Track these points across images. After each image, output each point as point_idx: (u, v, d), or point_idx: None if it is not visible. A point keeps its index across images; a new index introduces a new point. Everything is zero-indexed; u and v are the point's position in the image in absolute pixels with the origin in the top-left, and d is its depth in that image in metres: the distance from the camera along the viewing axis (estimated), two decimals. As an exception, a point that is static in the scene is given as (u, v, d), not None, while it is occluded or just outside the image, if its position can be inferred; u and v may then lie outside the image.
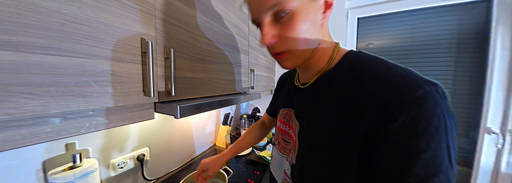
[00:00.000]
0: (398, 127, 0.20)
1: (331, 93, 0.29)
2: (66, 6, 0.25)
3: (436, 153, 0.19)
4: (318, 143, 0.30)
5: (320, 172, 0.30)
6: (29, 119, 0.23)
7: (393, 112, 0.21)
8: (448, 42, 0.97)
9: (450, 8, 0.95)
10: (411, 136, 0.20)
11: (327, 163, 0.29)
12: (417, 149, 0.19)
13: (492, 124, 0.87)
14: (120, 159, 0.59)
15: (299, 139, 0.36)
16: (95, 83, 0.28)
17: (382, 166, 0.21)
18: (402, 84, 0.22)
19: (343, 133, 0.26)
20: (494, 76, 0.86)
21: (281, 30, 0.27)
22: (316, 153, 0.31)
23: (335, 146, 0.27)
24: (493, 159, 0.88)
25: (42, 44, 0.23)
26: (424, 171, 0.19)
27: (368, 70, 0.26)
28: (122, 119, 0.34)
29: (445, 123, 0.20)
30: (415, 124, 0.20)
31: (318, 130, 0.30)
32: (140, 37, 0.34)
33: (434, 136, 0.19)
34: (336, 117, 0.27)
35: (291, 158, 0.38)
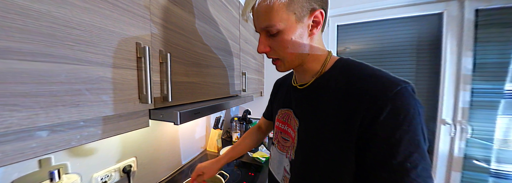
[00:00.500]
0: (385, 117, 0.25)
1: (328, 91, 0.33)
2: (57, 8, 0.23)
3: (415, 133, 0.25)
4: (317, 136, 0.34)
5: (319, 162, 0.33)
6: (12, 134, 0.21)
7: (380, 105, 0.26)
8: (410, 48, 1.13)
9: (411, 20, 1.12)
10: (396, 122, 0.25)
11: (327, 153, 0.32)
12: (401, 132, 0.24)
13: (446, 116, 1.04)
14: (104, 172, 0.54)
15: (298, 135, 0.39)
16: (88, 91, 0.26)
17: (375, 150, 0.26)
18: (384, 83, 0.28)
19: (341, 125, 0.30)
20: (446, 77, 1.03)
21: (272, 43, 0.34)
22: (316, 146, 0.34)
23: (334, 137, 0.31)
24: (448, 145, 1.05)
25: (29, 50, 0.21)
26: (408, 149, 0.24)
27: (357, 73, 0.32)
28: (115, 129, 0.31)
29: (418, 111, 0.26)
30: (398, 113, 0.25)
31: (317, 125, 0.34)
32: (136, 42, 0.33)
33: (412, 121, 0.25)
34: (334, 111, 0.31)
35: (290, 154, 0.41)
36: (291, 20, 0.31)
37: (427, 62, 1.10)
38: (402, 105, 0.25)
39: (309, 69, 0.38)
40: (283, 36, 0.32)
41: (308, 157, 0.36)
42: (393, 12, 1.12)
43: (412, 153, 0.24)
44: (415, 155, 0.24)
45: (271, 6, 0.30)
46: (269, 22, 0.31)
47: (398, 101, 0.25)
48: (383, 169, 0.25)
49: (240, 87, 0.85)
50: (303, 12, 0.31)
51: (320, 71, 0.36)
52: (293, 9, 0.30)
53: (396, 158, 0.24)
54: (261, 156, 0.90)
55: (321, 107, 0.34)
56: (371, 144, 0.26)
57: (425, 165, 0.24)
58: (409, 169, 0.24)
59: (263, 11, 0.32)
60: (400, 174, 0.24)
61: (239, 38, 0.83)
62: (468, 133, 1.00)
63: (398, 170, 0.24)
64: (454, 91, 1.02)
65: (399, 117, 0.25)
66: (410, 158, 0.24)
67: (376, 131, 0.26)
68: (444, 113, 1.04)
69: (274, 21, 0.31)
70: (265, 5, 0.31)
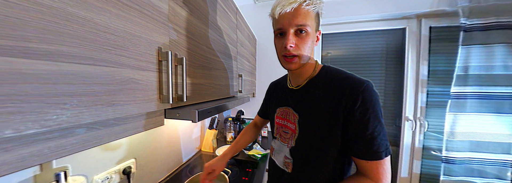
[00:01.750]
0: (359, 105, 0.37)
1: (318, 90, 0.44)
2: (98, 16, 0.25)
3: (377, 113, 0.37)
4: (314, 124, 0.44)
5: (316, 141, 0.44)
6: (57, 131, 0.22)
7: (355, 98, 0.38)
8: (380, 56, 1.32)
9: (382, 32, 1.31)
10: (366, 108, 0.37)
11: (321, 134, 0.43)
12: (369, 113, 0.37)
13: (408, 114, 1.24)
14: (104, 174, 0.53)
15: (299, 126, 0.47)
16: (121, 91, 0.29)
17: (354, 127, 0.38)
18: (356, 82, 0.40)
19: (330, 114, 0.41)
20: (408, 81, 1.23)
21: (298, 41, 0.41)
22: (313, 130, 0.44)
23: (326, 122, 0.42)
24: (410, 138, 1.25)
25: (77, 53, 0.23)
26: (374, 123, 0.37)
27: (336, 76, 0.44)
28: (136, 127, 0.34)
29: (377, 99, 0.38)
30: (366, 102, 0.37)
31: (313, 116, 0.44)
32: (158, 46, 0.36)
33: (375, 106, 0.37)
34: (324, 104, 0.42)
35: (290, 143, 0.50)
36: (313, 28, 0.41)
37: (393, 68, 1.30)
38: (368, 96, 0.38)
39: (304, 72, 0.48)
40: (308, 37, 0.41)
41: (307, 140, 0.46)
42: (368, 25, 1.30)
43: (376, 126, 0.37)
44: (378, 127, 0.37)
45: (309, 12, 0.39)
46: (306, 22, 0.39)
47: (366, 93, 0.38)
48: (360, 137, 0.38)
49: (237, 88, 0.89)
50: (317, 27, 0.43)
51: (311, 75, 0.47)
52: (317, 21, 0.43)
53: (368, 130, 0.37)
54: (256, 153, 0.95)
55: (314, 102, 0.44)
56: (351, 123, 0.38)
57: (384, 132, 0.38)
58: (376, 136, 0.37)
59: (303, 13, 0.39)
60: (371, 139, 0.37)
61: (237, 42, 0.88)
62: (425, 128, 1.21)
63: (370, 137, 0.37)
64: (414, 93, 1.22)
65: (366, 104, 0.37)
66: (376, 128, 0.37)
67: (354, 115, 0.38)
68: (407, 111, 1.24)
69: (309, 23, 0.40)
70: (307, 9, 0.39)
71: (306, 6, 0.38)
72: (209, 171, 0.60)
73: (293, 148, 0.49)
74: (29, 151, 0.20)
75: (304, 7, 0.38)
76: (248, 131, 0.73)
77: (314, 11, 0.40)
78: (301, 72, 0.47)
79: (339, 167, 0.44)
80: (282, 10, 0.39)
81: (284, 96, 0.54)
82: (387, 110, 1.31)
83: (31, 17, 0.19)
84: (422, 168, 1.24)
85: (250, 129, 0.74)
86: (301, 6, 0.38)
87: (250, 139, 0.72)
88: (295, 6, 0.38)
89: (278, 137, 0.55)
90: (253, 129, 0.74)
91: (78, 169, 0.47)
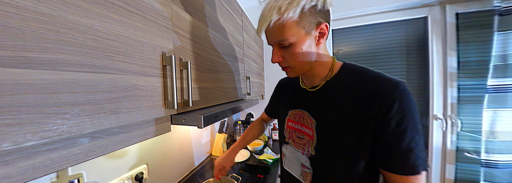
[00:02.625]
0: (395, 112, 0.32)
1: (340, 92, 0.39)
2: (99, 22, 0.25)
3: (415, 121, 0.33)
4: (336, 131, 0.39)
5: (339, 155, 0.39)
6: (59, 142, 0.22)
7: (390, 103, 0.33)
8: (399, 49, 1.22)
9: (399, 23, 1.21)
10: (403, 115, 0.32)
11: (346, 147, 0.37)
12: (406, 121, 0.32)
13: (437, 111, 1.11)
14: (117, 180, 0.53)
15: (317, 132, 0.42)
16: (124, 98, 0.28)
17: (386, 138, 0.33)
18: (389, 83, 0.34)
19: (358, 120, 0.35)
20: (434, 75, 1.11)
21: (284, 54, 0.39)
22: (336, 140, 0.39)
23: (353, 130, 0.36)
24: (441, 139, 1.12)
25: (78, 62, 0.22)
26: (412, 133, 0.32)
27: (363, 76, 0.38)
28: (142, 134, 0.33)
29: (416, 106, 0.34)
30: (404, 108, 0.32)
31: (335, 122, 0.39)
32: (161, 51, 0.35)
33: (413, 112, 0.33)
34: (350, 109, 0.37)
35: (307, 150, 0.45)
36: (301, 34, 0.36)
37: (416, 62, 1.19)
38: (406, 101, 0.33)
39: (317, 73, 0.43)
40: (295, 48, 0.37)
41: (328, 149, 0.41)
42: (383, 17, 1.21)
43: (414, 136, 0.32)
44: (416, 137, 0.32)
45: (283, 24, 0.35)
46: (282, 37, 0.36)
47: (403, 98, 0.33)
48: (394, 149, 0.33)
49: (245, 90, 0.87)
50: (311, 26, 0.36)
51: (329, 75, 0.42)
52: (303, 25, 0.35)
53: (404, 140, 0.32)
54: (267, 157, 0.91)
55: (335, 107, 0.39)
56: (384, 133, 0.33)
57: (422, 143, 0.33)
58: (414, 147, 0.32)
59: (276, 29, 0.36)
60: (407, 151, 0.32)
61: (243, 44, 0.87)
62: (458, 127, 1.07)
63: (406, 149, 0.32)
64: (443, 87, 1.10)
65: (404, 111, 0.32)
66: (414, 139, 0.32)
67: (388, 123, 0.33)
68: (435, 108, 1.11)
69: (286, 36, 0.35)
70: (279, 23, 0.35)
71: (277, 21, 0.35)
72: (220, 168, 0.62)
73: (313, 157, 0.44)
74: (30, 164, 0.19)
75: (277, 22, 0.35)
76: (255, 126, 0.73)
77: (294, 18, 0.34)
78: (313, 73, 0.43)
79: (366, 180, 0.39)
80: (260, 32, 0.39)
81: (297, 97, 0.50)
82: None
83: (31, 26, 0.19)
84: (457, 173, 1.09)
85: (257, 124, 0.73)
86: (274, 23, 0.35)
87: (258, 134, 0.72)
88: (267, 24, 0.36)
89: (291, 143, 0.50)
90: (260, 124, 0.74)
91: (93, 176, 0.48)
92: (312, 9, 0.35)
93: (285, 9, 0.33)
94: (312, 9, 0.35)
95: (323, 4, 0.35)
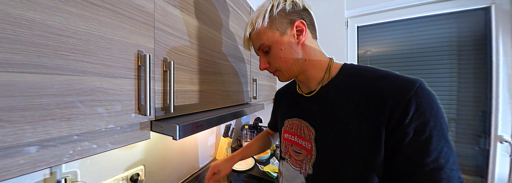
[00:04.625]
0: (413, 116, 0.25)
1: (341, 96, 0.34)
2: (52, 17, 0.22)
3: (442, 127, 0.25)
4: (340, 143, 0.32)
5: (344, 174, 0.32)
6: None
7: (405, 105, 0.26)
8: (448, 49, 0.98)
9: (448, 17, 0.97)
10: (424, 119, 0.25)
11: (354, 158, 0.31)
12: (430, 128, 0.25)
13: (503, 132, 0.84)
14: (111, 180, 0.53)
15: (316, 145, 0.37)
16: (81, 103, 0.24)
17: (409, 150, 0.26)
18: (401, 81, 0.28)
19: (366, 128, 0.29)
20: (500, 82, 0.85)
21: (268, 59, 0.39)
22: (340, 153, 0.32)
23: (361, 141, 0.30)
24: (507, 168, 0.84)
25: (18, 61, 0.19)
26: (439, 144, 0.25)
27: (369, 75, 0.33)
28: (113, 142, 0.29)
29: (439, 105, 0.26)
30: (424, 110, 0.25)
31: (337, 131, 0.33)
32: (137, 50, 0.31)
33: (437, 116, 0.25)
34: (355, 115, 0.31)
35: (305, 169, 0.39)
36: (276, 35, 0.36)
37: (471, 65, 0.93)
38: (425, 101, 0.26)
39: (312, 76, 0.39)
40: (275, 50, 0.37)
41: (330, 166, 0.34)
42: (425, 9, 0.99)
43: (442, 148, 0.25)
44: (445, 150, 0.25)
45: (258, 32, 0.38)
46: (259, 42, 0.38)
47: (422, 98, 0.26)
48: (418, 167, 0.25)
49: (251, 94, 0.81)
50: (284, 26, 0.36)
51: (327, 78, 0.37)
52: (276, 27, 0.36)
53: (430, 155, 0.25)
54: (272, 170, 0.83)
55: (338, 113, 0.34)
56: (403, 144, 0.26)
57: (454, 157, 0.25)
58: (443, 164, 0.24)
59: (254, 37, 0.39)
60: (436, 169, 0.24)
61: (251, 43, 0.81)
62: (537, 154, 0.79)
63: (434, 167, 0.24)
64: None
65: (425, 114, 0.25)
66: (442, 153, 0.25)
67: (406, 131, 0.26)
68: (500, 128, 0.85)
69: (262, 40, 0.38)
70: (254, 33, 0.39)
71: (252, 31, 0.39)
72: (214, 171, 0.58)
73: (310, 176, 0.37)
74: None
75: (252, 32, 0.39)
76: (262, 137, 0.68)
77: (265, 24, 0.36)
78: (307, 76, 0.39)
79: None
80: (245, 46, 0.44)
81: (293, 104, 0.44)
82: (463, 124, 0.94)
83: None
84: (533, 216, 0.81)
85: (264, 135, 0.69)
86: (251, 34, 0.39)
87: (263, 147, 0.65)
88: (247, 37, 0.41)
89: (287, 158, 0.43)
90: (267, 136, 0.67)
91: (86, 175, 0.48)
92: (282, 12, 0.36)
93: (255, 20, 0.37)
94: (281, 12, 0.36)
95: (292, 5, 0.36)
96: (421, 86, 0.27)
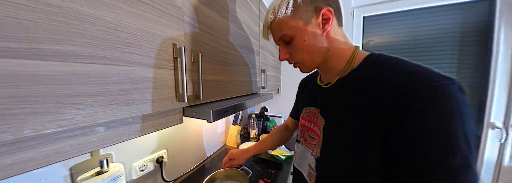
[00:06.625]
0: (412, 119, 0.23)
1: (353, 90, 0.32)
2: (108, 13, 0.24)
3: (450, 137, 0.22)
4: (342, 136, 0.33)
5: (344, 161, 0.33)
6: (78, 130, 0.23)
7: (409, 102, 0.24)
8: (451, 40, 1.00)
9: (452, 7, 0.97)
10: (429, 125, 0.22)
11: (351, 152, 0.31)
12: (436, 135, 0.22)
13: (495, 119, 0.91)
14: (141, 162, 0.59)
15: (324, 133, 0.38)
16: (135, 90, 0.28)
17: (404, 161, 0.24)
18: (419, 78, 0.25)
19: (364, 123, 0.29)
20: (497, 73, 0.89)
21: (290, 49, 0.38)
22: (340, 144, 0.34)
23: (357, 135, 0.30)
24: (496, 153, 0.92)
25: (89, 53, 0.23)
26: (445, 153, 0.21)
27: (389, 68, 0.29)
28: (155, 125, 0.34)
29: (460, 114, 0.22)
30: (430, 115, 0.22)
31: (341, 124, 0.34)
32: (172, 43, 0.34)
33: (450, 124, 0.22)
34: (357, 109, 0.30)
35: (315, 152, 0.41)
36: (299, 25, 0.34)
37: (471, 56, 0.96)
38: (434, 103, 0.22)
39: (333, 67, 0.37)
40: (297, 41, 0.35)
41: (333, 156, 0.36)
42: (430, 0, 0.98)
43: (468, 153, 0.21)
44: (467, 153, 0.21)
45: (280, 21, 0.35)
46: (282, 32, 0.36)
47: (430, 99, 0.22)
48: (436, 173, 0.22)
49: (260, 84, 0.84)
50: (309, 15, 0.34)
51: (346, 69, 0.35)
52: (299, 16, 0.34)
53: (432, 154, 0.22)
54: (280, 154, 0.90)
55: (345, 107, 0.33)
56: (403, 149, 0.24)
57: (474, 164, 0.22)
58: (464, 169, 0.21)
59: (276, 27, 0.37)
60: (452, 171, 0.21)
61: (259, 35, 0.82)
62: (523, 139, 0.87)
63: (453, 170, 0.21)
64: (508, 90, 0.88)
65: (430, 119, 0.22)
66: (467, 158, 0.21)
67: (407, 134, 0.24)
68: (493, 115, 0.91)
69: (285, 30, 0.35)
70: (276, 22, 0.36)
71: (274, 20, 0.36)
72: (230, 158, 0.64)
73: (319, 159, 0.40)
74: (52, 149, 0.21)
75: (274, 22, 0.36)
76: (278, 132, 0.68)
77: (288, 12, 0.34)
78: (327, 67, 0.38)
79: None
80: (265, 35, 0.41)
81: (313, 94, 0.46)
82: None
83: (41, 18, 0.19)
84: (511, 192, 0.91)
85: (280, 130, 0.68)
86: (273, 24, 0.37)
87: (279, 141, 0.67)
88: (268, 26, 0.39)
89: (302, 141, 0.48)
90: (284, 131, 0.68)
91: (119, 156, 0.54)
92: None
93: (278, 8, 0.35)
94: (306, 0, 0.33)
95: None
96: (440, 86, 0.22)
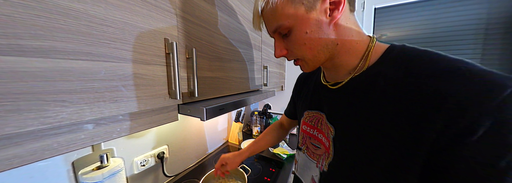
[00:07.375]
0: (482, 136, 0.18)
1: (376, 92, 0.26)
2: (93, 7, 0.23)
3: None
4: (365, 150, 0.27)
5: (365, 182, 0.28)
6: (65, 127, 0.23)
7: (473, 117, 0.18)
8: (474, 32, 0.91)
9: (480, -4, 0.88)
10: (501, 144, 0.18)
11: (379, 171, 0.26)
12: (508, 160, 0.17)
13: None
14: (142, 157, 0.61)
15: (334, 145, 0.33)
16: (124, 87, 0.27)
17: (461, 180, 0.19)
18: (480, 82, 0.19)
19: (402, 138, 0.23)
20: (525, 70, 0.80)
21: (287, 44, 0.31)
22: (365, 162, 0.27)
23: (391, 152, 0.24)
24: None
25: (72, 49, 0.22)
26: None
27: (424, 67, 0.23)
28: (148, 122, 0.33)
29: None
30: (505, 131, 0.17)
31: (361, 135, 0.28)
32: (164, 38, 0.33)
33: None
34: (388, 118, 0.24)
35: (322, 164, 0.36)
36: (300, 12, 0.27)
37: (498, 51, 0.87)
38: (509, 118, 0.17)
39: (342, 63, 0.30)
40: (297, 33, 0.28)
41: (348, 173, 0.30)
42: (454, -12, 0.89)
43: None
44: None
45: (274, 7, 0.28)
46: (277, 23, 0.29)
47: (504, 113, 0.17)
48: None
49: (262, 81, 0.82)
50: (312, 1, 0.26)
51: (362, 66, 0.29)
52: (300, 0, 0.26)
53: None
54: (282, 152, 0.89)
55: (365, 115, 0.27)
56: (453, 172, 0.19)
57: None
58: None
59: (269, 15, 0.29)
60: None
61: (262, 30, 0.79)
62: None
63: None
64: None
65: (507, 136, 0.17)
66: None
67: (463, 155, 0.19)
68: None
69: (281, 20, 0.28)
70: (269, 9, 0.29)
71: (266, 6, 0.28)
72: (222, 163, 0.59)
73: (325, 174, 0.34)
74: (39, 146, 0.21)
75: (266, 8, 0.29)
76: (271, 131, 0.64)
77: None
78: (335, 63, 0.31)
79: None
80: (255, 25, 0.34)
81: (315, 95, 0.40)
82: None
83: (19, 13, 0.18)
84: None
85: (274, 129, 0.64)
86: (265, 10, 0.29)
87: (273, 141, 0.63)
88: (258, 14, 0.31)
89: (304, 149, 0.42)
90: (278, 129, 0.64)
91: (121, 151, 0.55)
92: None
93: None
94: None
95: None
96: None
